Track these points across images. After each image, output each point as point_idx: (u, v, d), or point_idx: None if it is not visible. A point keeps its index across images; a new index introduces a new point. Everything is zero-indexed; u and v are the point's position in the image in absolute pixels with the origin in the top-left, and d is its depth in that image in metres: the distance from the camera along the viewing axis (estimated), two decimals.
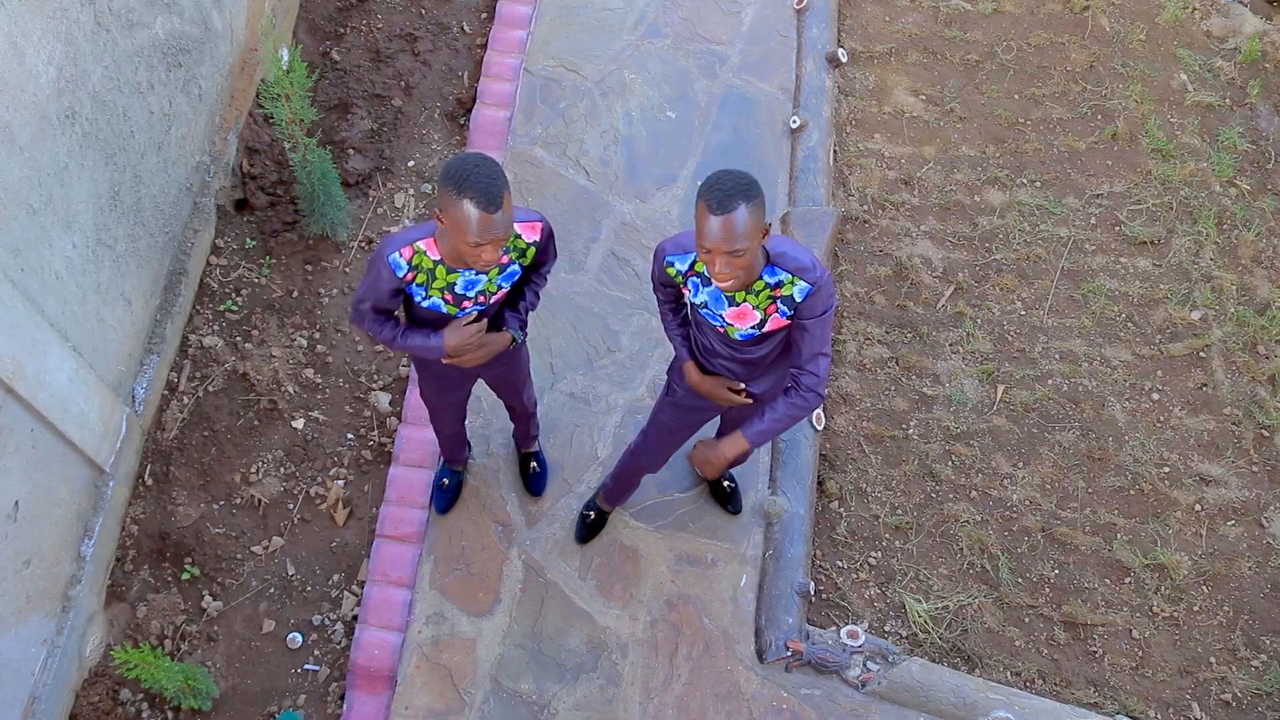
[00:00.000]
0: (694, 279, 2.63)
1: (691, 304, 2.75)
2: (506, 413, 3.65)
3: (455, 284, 2.62)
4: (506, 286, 2.72)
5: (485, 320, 2.76)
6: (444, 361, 2.78)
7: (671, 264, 2.66)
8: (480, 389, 3.90)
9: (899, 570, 3.76)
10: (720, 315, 2.65)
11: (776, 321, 2.60)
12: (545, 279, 2.88)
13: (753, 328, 2.63)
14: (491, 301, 2.73)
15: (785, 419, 2.67)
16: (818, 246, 4.22)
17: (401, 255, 2.54)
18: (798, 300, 2.54)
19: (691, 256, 2.62)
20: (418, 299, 2.64)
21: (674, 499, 3.78)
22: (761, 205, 2.32)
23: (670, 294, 2.84)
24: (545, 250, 2.78)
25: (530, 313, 3.01)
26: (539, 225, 2.68)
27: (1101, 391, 4.12)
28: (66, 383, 3.19)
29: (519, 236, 2.65)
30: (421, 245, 2.55)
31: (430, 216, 4.35)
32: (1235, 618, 3.73)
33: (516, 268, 2.70)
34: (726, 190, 2.26)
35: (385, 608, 3.55)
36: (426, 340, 2.71)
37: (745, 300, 2.57)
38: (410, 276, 2.57)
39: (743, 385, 2.84)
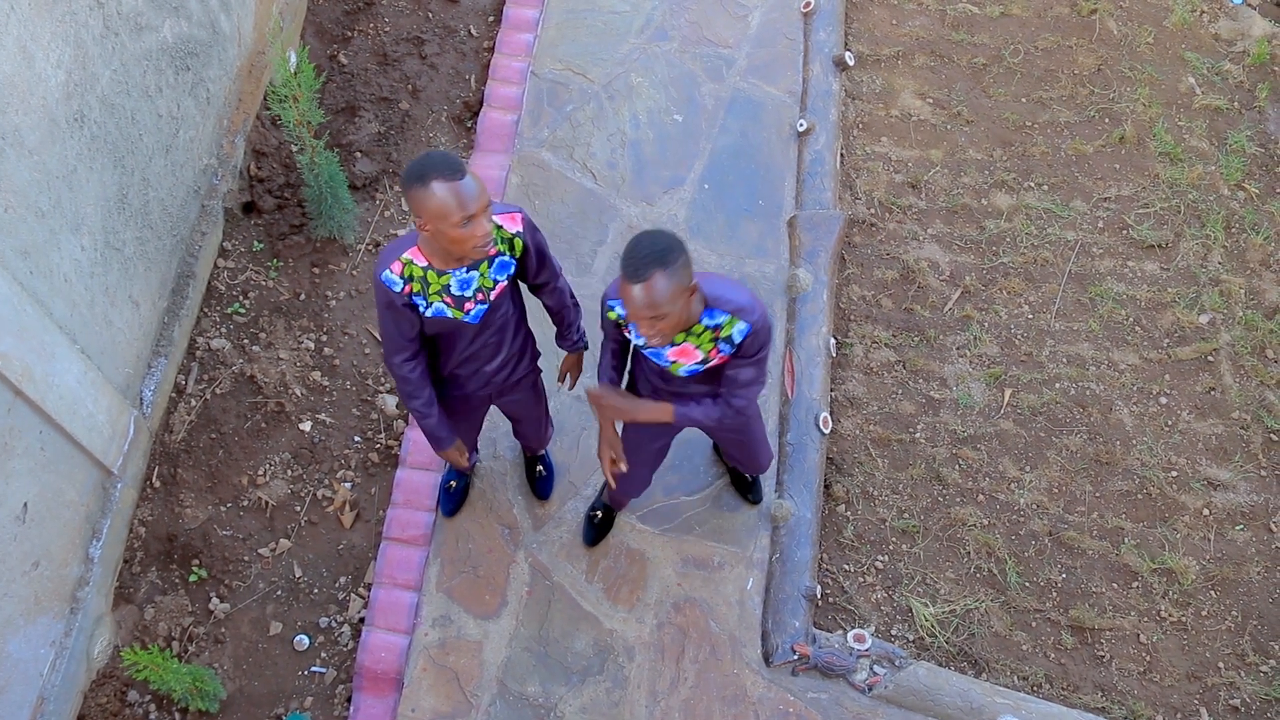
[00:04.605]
0: (635, 323, 2.66)
1: (635, 345, 2.82)
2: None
3: (449, 286, 2.65)
4: (503, 280, 2.74)
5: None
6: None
7: (613, 308, 2.73)
8: None
9: (906, 574, 3.76)
10: (662, 354, 2.71)
11: (721, 359, 2.68)
12: (559, 285, 2.93)
13: (697, 364, 2.70)
14: (493, 298, 2.74)
15: (713, 420, 2.75)
16: (825, 249, 4.22)
17: (392, 271, 2.60)
18: (737, 340, 2.61)
19: None
20: (422, 310, 2.66)
21: (680, 502, 3.78)
22: (684, 266, 2.37)
23: (617, 333, 2.87)
24: (536, 242, 2.78)
25: (580, 319, 3.08)
26: (518, 215, 2.72)
27: (1109, 395, 4.11)
28: (75, 385, 3.20)
29: (501, 227, 2.69)
30: (407, 255, 2.61)
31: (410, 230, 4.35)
32: (1244, 622, 3.72)
33: (508, 259, 2.73)
34: (641, 259, 2.33)
35: (392, 610, 3.56)
36: (436, 430, 2.96)
37: (686, 340, 2.64)
38: (408, 289, 2.61)
39: (623, 467, 3.02)
